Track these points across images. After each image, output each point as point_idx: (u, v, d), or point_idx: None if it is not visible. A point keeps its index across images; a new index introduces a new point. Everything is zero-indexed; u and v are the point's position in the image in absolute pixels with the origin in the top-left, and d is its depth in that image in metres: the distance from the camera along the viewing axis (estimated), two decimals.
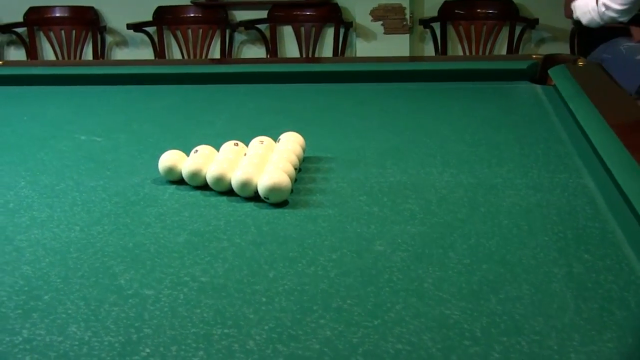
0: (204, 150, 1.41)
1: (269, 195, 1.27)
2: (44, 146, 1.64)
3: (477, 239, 1.16)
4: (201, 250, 1.15)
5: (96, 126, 1.79)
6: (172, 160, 1.39)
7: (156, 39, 4.89)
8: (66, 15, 4.99)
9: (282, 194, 1.28)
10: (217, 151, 1.44)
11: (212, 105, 1.95)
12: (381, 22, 4.79)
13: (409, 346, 0.90)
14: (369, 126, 1.74)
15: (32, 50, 5.00)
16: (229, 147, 1.44)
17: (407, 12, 4.72)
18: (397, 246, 1.15)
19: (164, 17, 4.89)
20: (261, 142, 1.45)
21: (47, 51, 5.03)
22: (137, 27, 4.83)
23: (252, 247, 1.15)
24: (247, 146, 1.46)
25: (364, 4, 4.80)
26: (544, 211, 1.25)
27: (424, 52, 4.92)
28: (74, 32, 4.95)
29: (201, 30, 4.88)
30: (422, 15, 4.83)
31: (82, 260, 1.13)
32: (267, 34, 4.88)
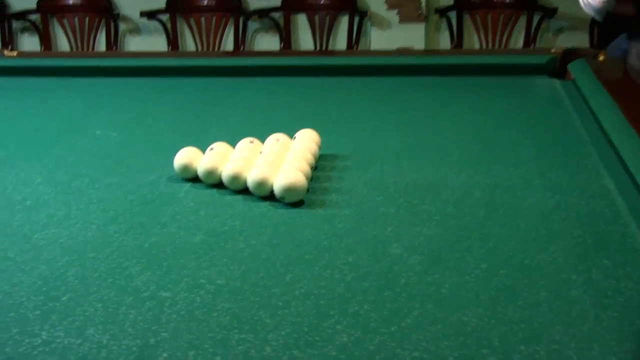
0: (220, 147, 1.41)
1: (285, 195, 1.27)
2: (59, 141, 1.64)
3: (495, 242, 1.15)
4: (217, 251, 1.14)
5: (111, 120, 1.79)
6: (187, 158, 1.39)
7: (169, 27, 4.88)
8: (79, 2, 4.98)
9: (298, 194, 1.28)
10: (233, 148, 1.43)
11: (227, 99, 1.94)
12: (396, 11, 4.76)
13: (427, 354, 0.90)
14: (385, 123, 1.73)
15: (45, 37, 4.99)
16: (244, 144, 1.43)
17: (423, 0, 4.69)
18: (414, 249, 1.14)
19: (177, 4, 4.87)
20: (277, 140, 1.45)
21: (61, 39, 5.02)
22: (150, 15, 4.82)
23: (268, 249, 1.15)
24: (263, 143, 1.45)
25: None
26: (562, 214, 1.24)
27: (440, 41, 4.89)
28: (87, 19, 4.94)
29: (214, 18, 4.86)
30: (438, 4, 4.80)
31: (99, 260, 1.12)
32: (281, 22, 4.85)
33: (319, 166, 1.45)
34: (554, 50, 2.10)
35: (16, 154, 1.57)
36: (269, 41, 4.84)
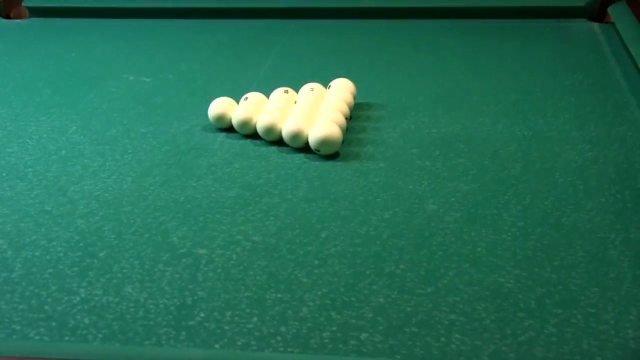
0: (254, 97, 1.40)
1: (320, 147, 1.26)
2: (93, 87, 1.64)
3: (532, 199, 1.15)
4: (252, 206, 1.14)
5: (144, 65, 1.78)
6: (222, 107, 1.38)
7: None
8: None
9: (333, 146, 1.27)
10: (267, 98, 1.42)
11: (260, 42, 1.92)
12: None
13: (463, 317, 0.90)
14: (420, 69, 1.71)
15: None
16: (278, 94, 1.42)
17: None
18: (450, 205, 1.13)
19: None
20: (311, 90, 1.43)
21: None
22: None
23: (303, 204, 1.14)
24: (297, 93, 1.44)
25: None
26: (600, 168, 1.23)
27: None
28: None
29: None
30: None
31: (135, 214, 1.13)
32: None
33: (354, 116, 1.43)
34: None
35: (51, 100, 1.56)
36: None
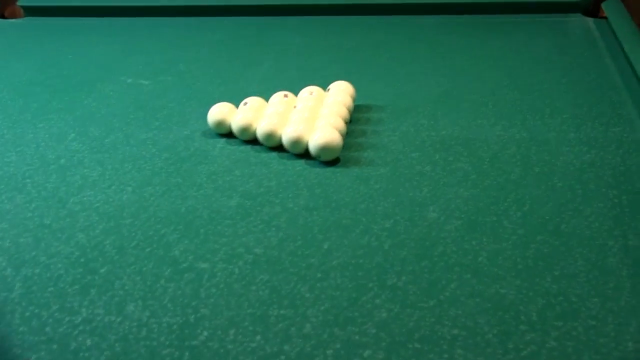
0: (254, 102, 1.40)
1: (321, 154, 1.27)
2: (91, 91, 1.64)
3: (531, 204, 1.15)
4: (254, 216, 1.15)
5: (142, 66, 1.78)
6: (221, 113, 1.38)
7: None
8: None
9: (333, 153, 1.27)
10: (267, 102, 1.42)
11: (259, 41, 1.92)
12: None
13: (465, 331, 0.90)
14: (419, 67, 1.71)
15: None
16: (278, 98, 1.42)
17: None
18: (451, 212, 1.14)
19: None
20: (311, 93, 1.43)
21: None
22: None
23: (305, 213, 1.15)
24: (297, 96, 1.44)
25: None
26: (598, 171, 1.23)
27: None
28: None
29: None
30: None
31: (136, 227, 1.13)
32: None
33: (354, 119, 1.44)
34: None
35: (48, 105, 1.56)
36: None
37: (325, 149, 1.26)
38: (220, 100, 1.44)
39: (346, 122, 1.36)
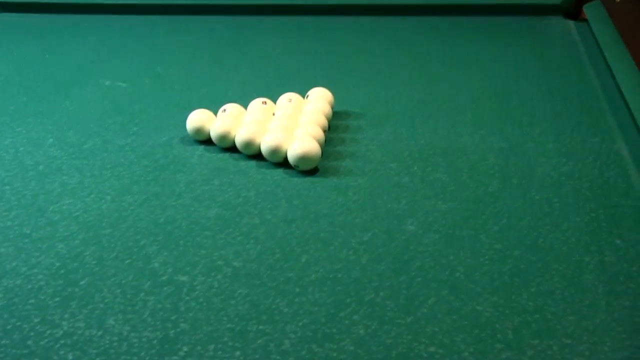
0: (232, 109, 1.40)
1: (299, 163, 1.27)
2: (69, 93, 1.63)
3: (509, 218, 1.16)
4: (233, 227, 1.15)
5: (120, 68, 1.77)
6: (200, 120, 1.38)
7: None
8: None
9: (312, 162, 1.28)
10: (245, 109, 1.42)
11: (237, 41, 1.91)
12: None
13: (442, 349, 0.91)
14: (397, 73, 1.71)
15: None
16: (257, 105, 1.42)
17: None
18: (429, 226, 1.15)
19: None
20: (289, 100, 1.44)
21: None
22: None
23: (283, 225, 1.15)
24: (275, 103, 1.45)
25: None
26: (576, 184, 1.24)
27: None
28: None
29: None
30: None
31: (115, 237, 1.13)
32: None
33: (332, 126, 1.44)
34: None
35: (26, 109, 1.55)
36: None
37: (303, 159, 1.26)
38: (198, 105, 1.44)
39: (325, 131, 1.37)
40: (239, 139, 1.33)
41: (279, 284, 1.03)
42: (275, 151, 1.29)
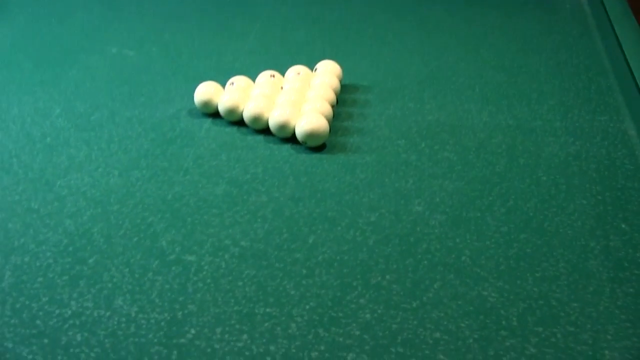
0: (240, 82, 1.40)
1: (307, 140, 1.27)
2: (76, 61, 1.62)
3: (515, 200, 1.16)
4: (240, 205, 1.15)
5: (127, 35, 1.76)
6: (208, 93, 1.38)
7: None
8: None
9: (320, 139, 1.28)
10: (253, 82, 1.42)
11: (245, 10, 1.90)
12: None
13: (447, 335, 0.92)
14: (406, 45, 1.70)
15: None
16: (265, 78, 1.42)
17: None
18: (435, 207, 1.15)
19: None
20: (298, 74, 1.43)
21: None
22: None
23: (290, 204, 1.16)
24: (283, 76, 1.44)
25: None
26: (583, 165, 1.24)
27: None
28: None
29: None
30: None
31: (123, 214, 1.14)
32: None
33: (340, 100, 1.44)
34: None
35: (33, 77, 1.55)
36: None
37: (311, 136, 1.26)
38: (206, 76, 1.44)
39: (333, 106, 1.37)
40: (247, 113, 1.32)
41: (286, 265, 1.03)
42: (283, 127, 1.29)
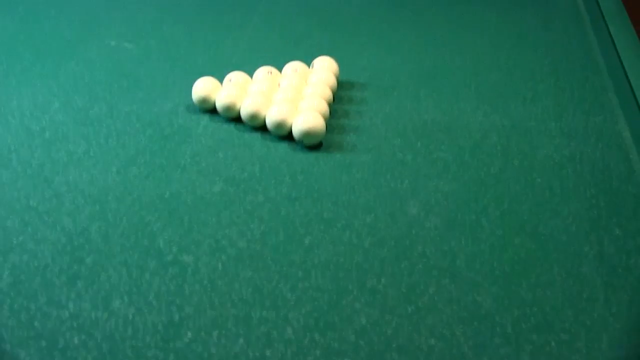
0: (238, 78, 1.40)
1: (303, 138, 1.28)
2: (74, 54, 1.62)
3: (510, 203, 1.17)
4: (237, 204, 1.16)
5: (125, 27, 1.76)
6: (205, 89, 1.38)
7: None
8: None
9: (316, 138, 1.29)
10: (251, 78, 1.43)
11: (242, 1, 1.90)
12: None
13: (442, 341, 0.93)
14: (403, 40, 1.71)
15: None
16: (262, 74, 1.42)
17: None
18: (430, 208, 1.16)
19: None
20: (295, 70, 1.44)
21: None
22: None
23: (287, 204, 1.16)
24: (281, 72, 1.45)
25: None
26: (577, 167, 1.25)
27: None
28: None
29: None
30: None
31: (121, 213, 1.14)
32: None
33: (337, 97, 1.44)
34: None
35: (32, 69, 1.55)
36: None
37: (308, 134, 1.27)
38: (204, 70, 1.45)
39: (330, 104, 1.37)
40: (244, 111, 1.33)
41: (282, 267, 1.04)
42: (280, 125, 1.30)
